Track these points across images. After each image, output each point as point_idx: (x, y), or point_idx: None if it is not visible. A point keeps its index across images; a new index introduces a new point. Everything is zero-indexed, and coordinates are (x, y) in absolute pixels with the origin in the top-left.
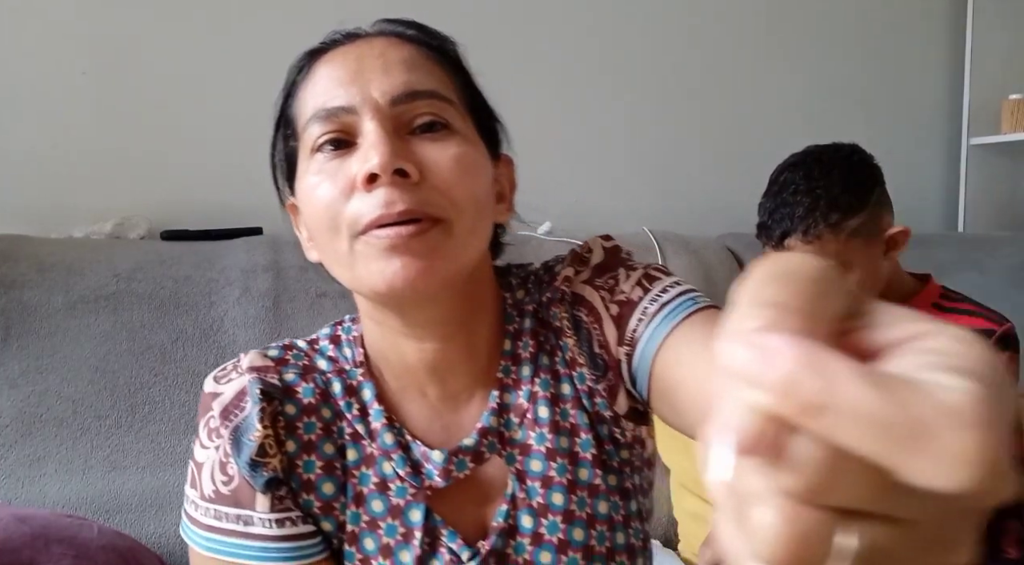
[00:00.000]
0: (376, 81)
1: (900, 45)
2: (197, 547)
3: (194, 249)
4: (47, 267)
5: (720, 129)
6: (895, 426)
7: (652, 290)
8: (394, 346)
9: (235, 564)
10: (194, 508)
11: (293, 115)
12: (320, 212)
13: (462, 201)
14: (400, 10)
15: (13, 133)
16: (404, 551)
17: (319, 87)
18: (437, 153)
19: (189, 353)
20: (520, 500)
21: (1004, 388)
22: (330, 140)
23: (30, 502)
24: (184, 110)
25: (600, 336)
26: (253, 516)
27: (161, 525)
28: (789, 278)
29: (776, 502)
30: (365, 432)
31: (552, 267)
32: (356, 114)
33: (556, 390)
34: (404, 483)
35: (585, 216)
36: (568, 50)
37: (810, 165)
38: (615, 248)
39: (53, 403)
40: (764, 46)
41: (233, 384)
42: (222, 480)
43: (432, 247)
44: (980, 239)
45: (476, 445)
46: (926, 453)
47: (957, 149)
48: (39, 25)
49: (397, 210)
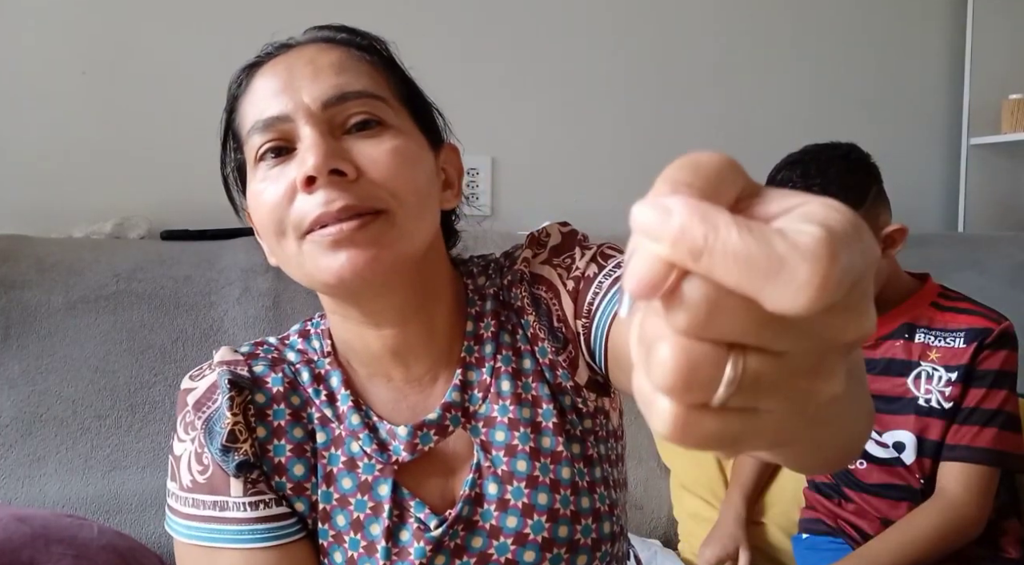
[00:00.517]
0: (307, 87)
1: (900, 45)
2: (179, 536)
3: (194, 249)
4: (47, 267)
5: (719, 129)
6: (758, 261)
7: (607, 266)
8: (357, 336)
9: (214, 548)
10: (175, 500)
11: (237, 128)
12: (266, 217)
13: (401, 191)
14: (400, 11)
15: (13, 133)
16: (374, 524)
17: (256, 98)
18: (372, 149)
19: (189, 353)
20: (485, 469)
21: (859, 238)
22: (271, 148)
23: (30, 502)
24: (184, 110)
25: (559, 310)
26: (228, 501)
27: (161, 525)
28: (695, 164)
29: (671, 338)
30: (333, 415)
31: (511, 253)
32: (292, 121)
33: (518, 365)
34: (371, 460)
35: (584, 216)
36: (568, 50)
37: (807, 163)
38: (572, 231)
39: (53, 403)
40: (764, 46)
41: (206, 380)
42: (198, 470)
43: (375, 237)
44: (980, 239)
45: (439, 419)
46: (778, 282)
47: (957, 149)
48: (39, 25)
49: (336, 207)
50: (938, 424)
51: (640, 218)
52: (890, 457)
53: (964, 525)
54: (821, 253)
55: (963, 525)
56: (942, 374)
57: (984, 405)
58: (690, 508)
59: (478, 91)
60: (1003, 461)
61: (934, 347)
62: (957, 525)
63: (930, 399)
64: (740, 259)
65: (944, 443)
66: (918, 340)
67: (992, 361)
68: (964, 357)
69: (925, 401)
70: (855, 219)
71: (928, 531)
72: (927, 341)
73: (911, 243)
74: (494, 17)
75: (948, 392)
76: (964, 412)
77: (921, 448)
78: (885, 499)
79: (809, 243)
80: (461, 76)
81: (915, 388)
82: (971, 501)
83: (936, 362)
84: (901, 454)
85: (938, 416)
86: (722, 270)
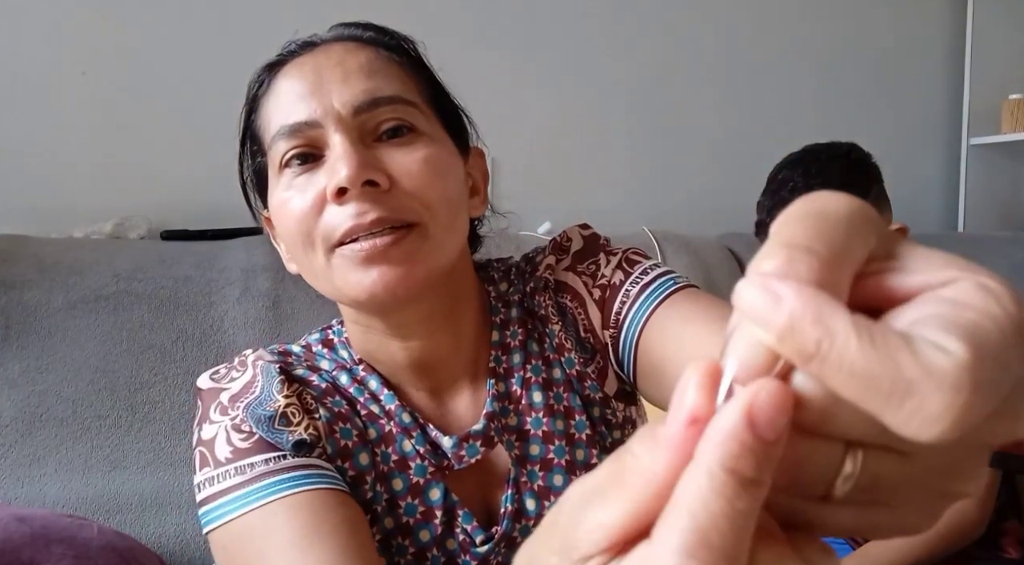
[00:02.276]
0: (336, 91)
1: (900, 45)
2: (229, 515)
3: (194, 249)
4: (47, 267)
5: (720, 129)
6: (881, 381)
7: (633, 273)
8: (381, 346)
9: (270, 502)
10: (211, 484)
11: (258, 130)
12: (293, 228)
13: (434, 203)
14: (399, 11)
15: (13, 133)
16: (424, 530)
17: (281, 101)
18: (405, 158)
19: (189, 353)
20: (523, 484)
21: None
22: (297, 155)
23: (30, 502)
24: (184, 110)
25: (585, 320)
26: (280, 455)
27: (161, 525)
28: (818, 217)
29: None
30: (381, 412)
31: (533, 258)
32: (320, 127)
33: (548, 375)
34: (424, 461)
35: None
36: (568, 51)
37: (808, 163)
38: (593, 235)
39: (53, 403)
40: (764, 47)
41: (239, 379)
42: (239, 438)
43: (409, 253)
44: (980, 239)
45: (485, 430)
46: (905, 410)
47: (957, 149)
48: (39, 25)
49: (369, 219)
50: None
51: (746, 299)
52: None
53: (964, 526)
54: (962, 384)
55: (963, 526)
56: None
57: None
58: None
59: (478, 91)
60: (1003, 462)
61: None
62: (958, 526)
63: None
64: (861, 377)
65: None
66: None
67: None
68: None
69: None
70: (1013, 306)
71: (928, 534)
72: None
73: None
74: (494, 17)
75: None
76: None
77: None
78: None
79: (947, 369)
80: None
81: None
82: (972, 502)
83: None
84: None
85: None
86: (837, 383)
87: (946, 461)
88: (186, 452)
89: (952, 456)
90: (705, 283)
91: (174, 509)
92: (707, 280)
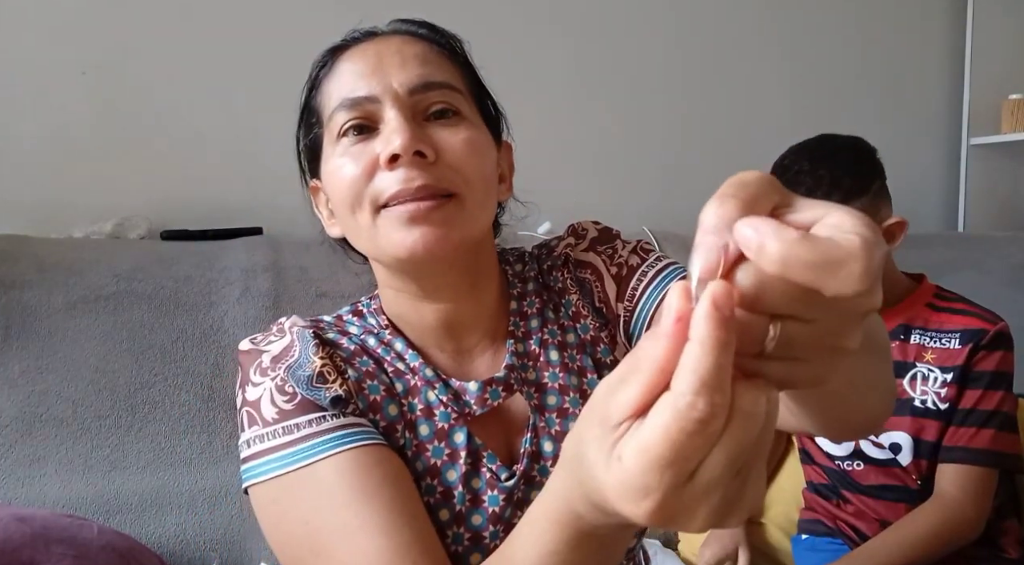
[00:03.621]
0: (395, 73)
1: (900, 45)
2: (273, 473)
3: (194, 249)
4: (47, 267)
5: (720, 129)
6: (822, 263)
7: (647, 259)
8: (412, 308)
9: (313, 463)
10: (259, 442)
11: (317, 106)
12: (345, 189)
13: (472, 178)
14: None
15: (13, 133)
16: (451, 470)
17: (343, 80)
18: (450, 136)
19: (189, 353)
20: (541, 428)
21: (877, 234)
22: (354, 125)
23: (30, 502)
24: (184, 110)
25: (600, 291)
26: (324, 415)
27: (161, 525)
28: (740, 182)
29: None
30: (406, 368)
31: (547, 243)
32: (378, 102)
33: (563, 338)
34: (447, 408)
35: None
36: (568, 50)
37: (815, 150)
38: (607, 228)
39: (53, 403)
40: (764, 46)
41: (277, 343)
42: (283, 400)
43: (447, 218)
44: (980, 239)
45: (506, 377)
46: (839, 277)
47: (957, 149)
48: (39, 25)
49: (416, 185)
50: (934, 425)
51: (745, 234)
52: (886, 458)
53: (962, 527)
54: (864, 254)
55: (961, 527)
56: (937, 375)
57: (981, 406)
58: None
59: None
60: (1001, 462)
61: (929, 348)
62: (955, 526)
63: (926, 400)
64: (811, 265)
65: (941, 444)
66: (913, 341)
67: (988, 362)
68: (959, 358)
69: (921, 402)
70: (871, 223)
71: (926, 532)
72: (922, 342)
73: (911, 243)
74: (493, 17)
75: (944, 393)
76: (961, 413)
77: (917, 449)
78: (882, 500)
79: (856, 247)
80: None
81: (911, 389)
82: (969, 503)
83: (932, 363)
84: (897, 455)
85: (934, 417)
86: (797, 272)
87: (835, 324)
88: (186, 452)
89: (840, 320)
90: None
91: (174, 509)
92: None
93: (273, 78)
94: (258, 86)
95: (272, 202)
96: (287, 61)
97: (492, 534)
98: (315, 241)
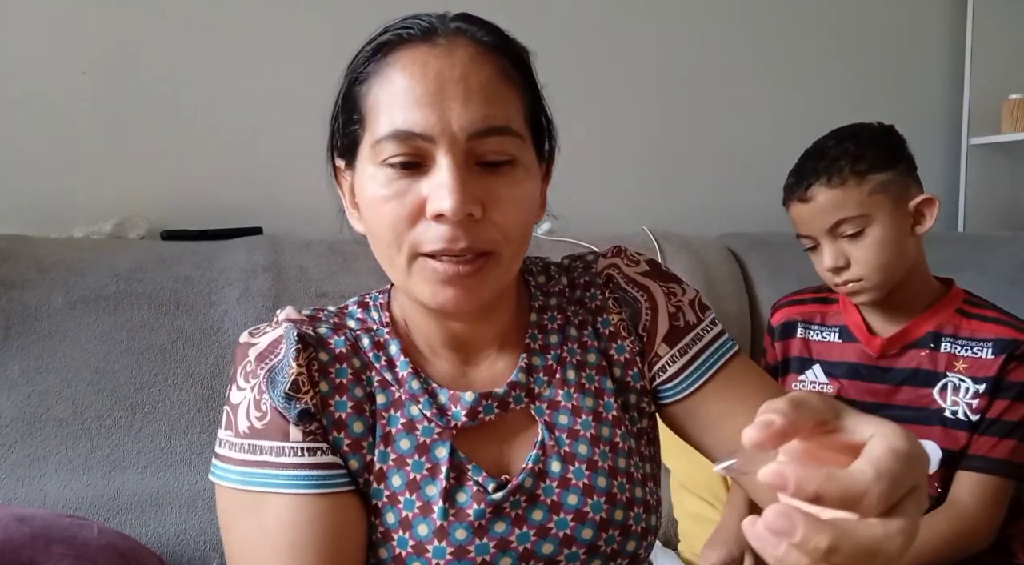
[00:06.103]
0: (456, 110)
1: (900, 45)
2: (231, 483)
3: (194, 249)
4: (47, 267)
5: (720, 129)
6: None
7: (704, 319)
8: (424, 321)
9: (265, 493)
10: (228, 447)
11: (362, 104)
12: (384, 228)
13: (515, 235)
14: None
15: (13, 133)
16: (430, 485)
17: (396, 96)
18: (502, 192)
19: (189, 353)
20: (549, 447)
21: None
22: (402, 162)
23: (30, 502)
24: (184, 110)
25: (649, 321)
26: (286, 446)
27: (161, 525)
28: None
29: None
30: (393, 379)
31: (583, 258)
32: (433, 142)
33: (583, 358)
34: (430, 423)
35: (585, 216)
36: (567, 50)
37: (843, 129)
38: (658, 264)
39: (53, 403)
40: (764, 46)
41: (268, 335)
42: (256, 416)
43: (482, 279)
44: (980, 239)
45: (505, 395)
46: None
47: (957, 149)
48: (39, 25)
49: (459, 247)
50: (965, 436)
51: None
52: None
53: (972, 536)
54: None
55: (971, 536)
56: (969, 385)
57: (1006, 417)
58: (690, 508)
59: None
60: (1018, 473)
61: (961, 357)
62: (965, 535)
63: (956, 411)
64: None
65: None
66: (944, 350)
67: (1020, 373)
68: (992, 369)
69: (951, 412)
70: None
71: (935, 539)
72: (953, 351)
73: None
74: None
75: (975, 404)
76: (985, 423)
77: (945, 459)
78: None
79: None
80: None
81: (941, 399)
82: (981, 513)
83: (963, 372)
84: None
85: (965, 428)
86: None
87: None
88: (186, 452)
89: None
90: (705, 283)
91: (174, 509)
92: (707, 280)
93: (273, 78)
94: (258, 86)
95: (272, 202)
96: (287, 61)
97: (479, 548)
98: (315, 241)
